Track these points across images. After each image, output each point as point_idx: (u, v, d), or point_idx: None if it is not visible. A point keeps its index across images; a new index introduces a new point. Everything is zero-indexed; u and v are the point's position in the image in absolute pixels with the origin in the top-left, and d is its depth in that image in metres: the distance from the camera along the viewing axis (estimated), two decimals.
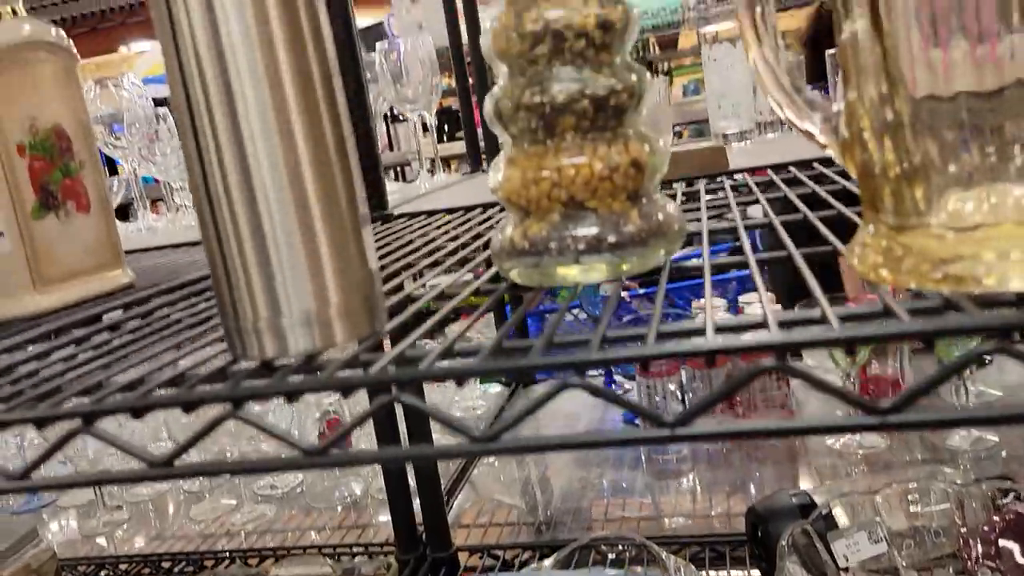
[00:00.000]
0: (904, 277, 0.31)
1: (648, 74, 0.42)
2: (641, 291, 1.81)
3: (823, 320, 0.30)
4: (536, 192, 0.41)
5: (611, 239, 0.41)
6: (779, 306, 1.39)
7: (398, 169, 3.48)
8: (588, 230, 0.41)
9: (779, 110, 0.37)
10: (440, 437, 1.13)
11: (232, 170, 0.34)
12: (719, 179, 0.82)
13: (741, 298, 1.47)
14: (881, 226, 0.33)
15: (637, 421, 1.21)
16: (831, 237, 0.42)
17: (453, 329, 0.56)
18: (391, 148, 3.84)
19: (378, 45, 1.31)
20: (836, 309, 0.31)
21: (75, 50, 0.59)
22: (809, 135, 0.37)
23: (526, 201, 0.41)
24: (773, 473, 1.16)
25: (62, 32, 0.58)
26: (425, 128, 1.33)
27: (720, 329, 0.31)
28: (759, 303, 0.35)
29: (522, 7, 0.40)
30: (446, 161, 3.43)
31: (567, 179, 0.40)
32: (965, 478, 0.84)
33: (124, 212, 1.66)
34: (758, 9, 0.38)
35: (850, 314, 0.31)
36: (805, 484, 1.13)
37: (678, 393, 1.20)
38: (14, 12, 0.55)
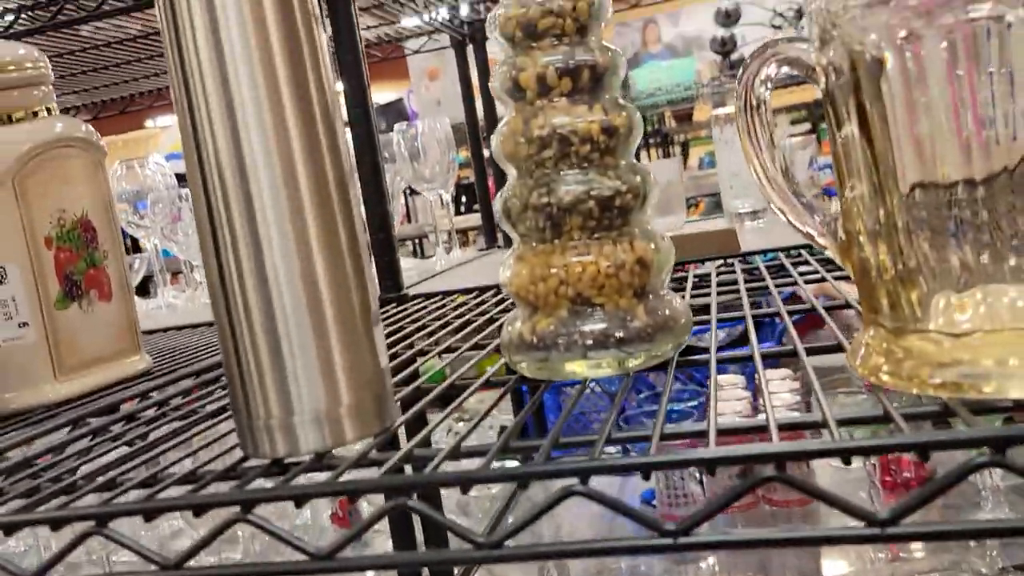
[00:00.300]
0: (904, 382, 0.32)
1: (652, 175, 0.43)
2: None
3: (824, 424, 0.30)
4: (544, 288, 0.42)
5: (618, 335, 0.41)
6: (797, 383, 1.38)
7: (416, 241, 3.52)
8: (595, 326, 0.41)
9: (781, 216, 0.38)
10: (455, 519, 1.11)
11: (248, 274, 0.35)
12: (731, 262, 0.83)
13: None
14: (880, 328, 0.34)
15: (655, 502, 1.19)
16: (837, 333, 0.43)
17: (470, 403, 0.57)
18: (409, 220, 3.89)
19: (396, 126, 1.35)
20: (838, 411, 0.31)
21: (103, 143, 0.61)
22: (810, 236, 0.38)
23: (534, 297, 0.42)
24: (794, 555, 1.14)
25: (91, 128, 0.60)
26: (442, 203, 1.36)
27: (723, 431, 0.32)
28: (778, 382, 0.36)
29: (529, 114, 0.42)
30: (464, 232, 3.47)
31: (574, 276, 0.41)
32: (991, 566, 0.83)
33: (144, 286, 1.69)
34: (754, 102, 0.39)
35: (850, 418, 0.31)
36: (828, 564, 1.11)
37: (696, 473, 1.19)
38: (49, 111, 0.58)
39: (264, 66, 0.35)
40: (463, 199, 4.02)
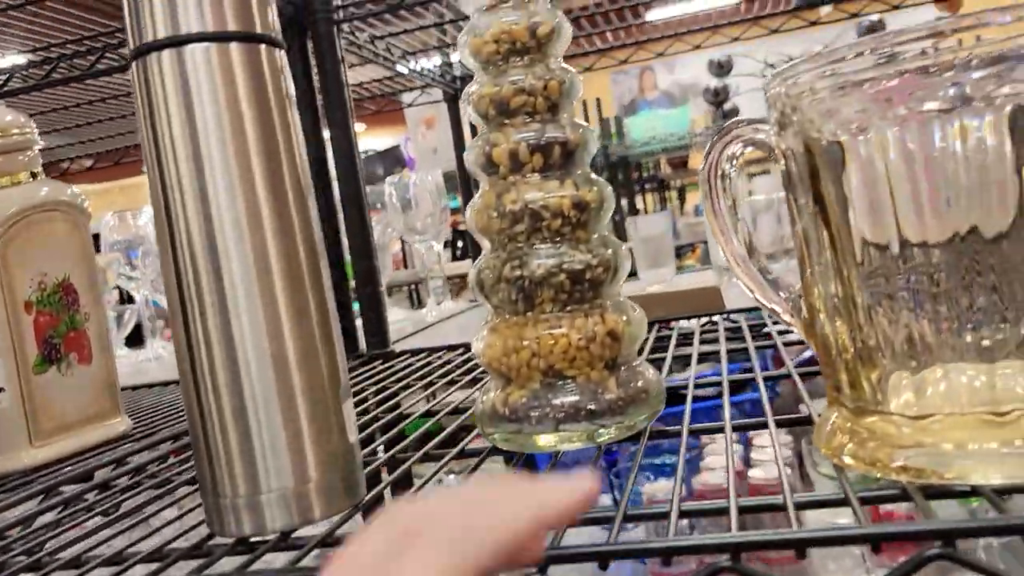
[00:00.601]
0: (866, 465, 0.32)
1: (624, 247, 0.44)
2: None
3: (784, 507, 0.30)
4: (516, 360, 0.42)
5: (590, 407, 0.41)
6: (791, 436, 1.37)
7: (412, 287, 3.52)
8: (566, 399, 0.42)
9: (749, 293, 0.38)
10: None
11: (217, 350, 0.35)
12: (715, 319, 0.83)
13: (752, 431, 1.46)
14: (843, 408, 0.34)
15: (646, 559, 1.18)
16: (808, 405, 0.43)
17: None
18: (406, 266, 3.89)
19: (388, 178, 1.36)
20: (800, 497, 0.31)
21: (88, 205, 0.62)
22: (776, 313, 0.38)
23: (507, 368, 0.43)
24: None
25: (76, 189, 0.61)
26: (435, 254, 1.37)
27: (685, 513, 0.32)
28: (769, 435, 0.36)
29: (502, 188, 0.42)
30: (461, 278, 3.47)
31: (546, 349, 0.42)
32: None
33: (138, 333, 1.69)
34: (719, 180, 0.39)
35: (810, 501, 0.32)
36: None
37: (687, 530, 1.18)
38: (34, 175, 0.58)
39: (236, 147, 0.36)
40: (459, 244, 4.02)
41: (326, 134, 0.93)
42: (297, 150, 0.38)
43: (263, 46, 0.37)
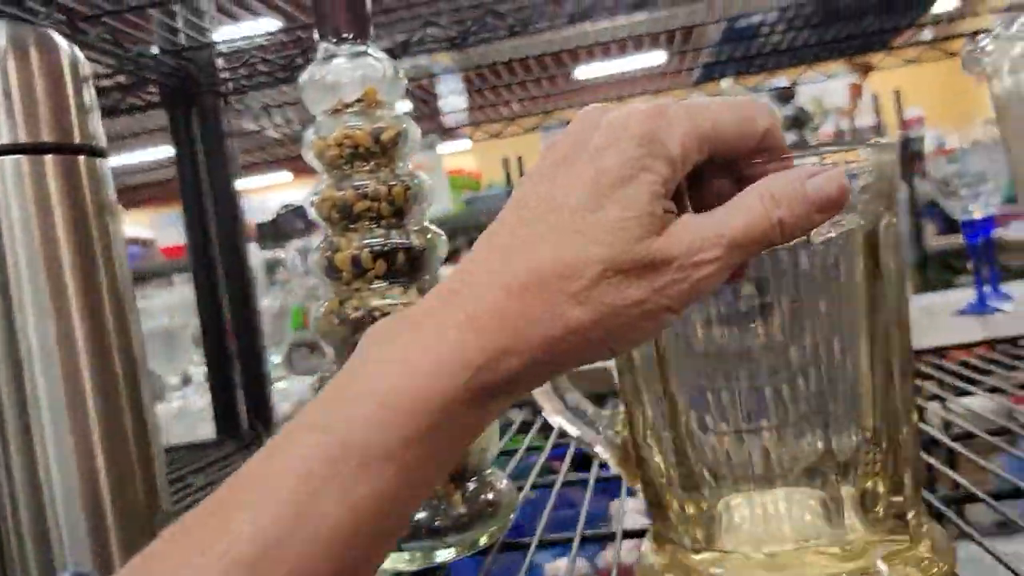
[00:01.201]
0: None
1: None
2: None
3: None
4: None
5: (433, 524, 0.40)
6: None
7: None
8: None
9: (554, 423, 0.37)
10: None
11: (20, 480, 0.33)
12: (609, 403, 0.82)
13: None
14: (666, 543, 0.33)
15: None
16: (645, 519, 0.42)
17: None
18: None
19: (289, 243, 1.34)
20: None
21: None
22: (584, 443, 0.37)
23: None
24: None
25: None
26: None
27: None
28: None
29: (345, 294, 0.41)
30: None
31: None
32: None
33: None
34: None
35: None
36: None
37: None
38: None
39: (48, 262, 0.34)
40: None
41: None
42: (117, 260, 0.36)
43: (82, 157, 0.35)
